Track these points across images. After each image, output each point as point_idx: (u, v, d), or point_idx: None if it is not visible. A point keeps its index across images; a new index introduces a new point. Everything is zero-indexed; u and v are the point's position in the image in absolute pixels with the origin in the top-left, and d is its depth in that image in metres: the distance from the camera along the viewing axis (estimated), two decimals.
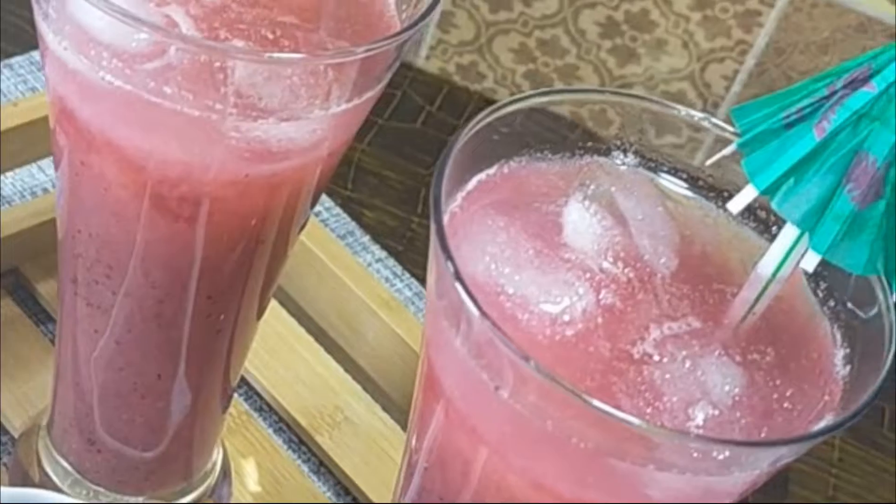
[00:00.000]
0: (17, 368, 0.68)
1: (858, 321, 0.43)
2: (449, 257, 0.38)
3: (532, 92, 0.43)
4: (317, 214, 0.83)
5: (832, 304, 0.45)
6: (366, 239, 0.83)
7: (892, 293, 0.42)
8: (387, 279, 0.82)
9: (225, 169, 0.46)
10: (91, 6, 0.43)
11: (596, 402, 0.36)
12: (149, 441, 0.59)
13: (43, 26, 0.45)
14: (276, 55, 0.44)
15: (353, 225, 0.84)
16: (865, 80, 0.40)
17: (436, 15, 0.45)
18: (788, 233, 0.42)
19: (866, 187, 0.40)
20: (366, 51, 0.44)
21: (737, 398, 0.41)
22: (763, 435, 0.40)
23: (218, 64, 0.44)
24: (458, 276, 0.38)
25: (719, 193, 0.47)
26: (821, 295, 0.45)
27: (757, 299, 0.43)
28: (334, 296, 0.75)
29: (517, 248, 0.42)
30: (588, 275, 0.42)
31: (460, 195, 0.43)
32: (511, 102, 0.43)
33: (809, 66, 0.44)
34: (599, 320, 0.42)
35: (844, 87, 0.41)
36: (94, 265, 0.51)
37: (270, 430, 0.72)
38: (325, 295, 0.75)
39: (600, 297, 0.42)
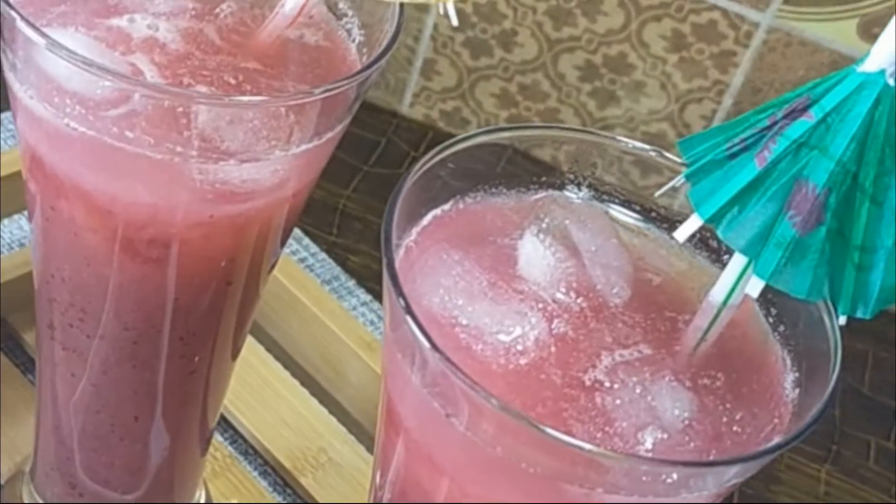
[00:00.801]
0: (3, 416, 0.69)
1: (807, 346, 0.44)
2: (400, 293, 0.39)
3: (478, 131, 0.44)
4: (302, 260, 0.85)
5: (782, 329, 0.46)
6: (351, 283, 0.85)
7: (837, 317, 0.43)
8: (372, 322, 0.83)
9: (190, 210, 0.47)
10: (56, 56, 0.44)
11: (542, 427, 0.37)
12: (129, 484, 0.60)
13: (10, 76, 0.47)
14: (236, 98, 0.46)
15: (338, 270, 0.85)
16: (804, 110, 0.41)
17: (389, 56, 0.47)
18: (738, 261, 0.43)
19: (807, 214, 0.41)
20: (324, 91, 0.45)
21: (687, 422, 0.42)
22: (711, 458, 0.41)
23: (181, 109, 0.45)
24: (408, 310, 0.39)
25: (672, 224, 0.48)
26: (772, 321, 0.46)
27: (709, 327, 0.44)
28: (318, 339, 0.76)
29: (471, 281, 0.43)
30: (541, 305, 0.43)
31: (415, 230, 0.45)
32: (459, 141, 0.44)
33: None
34: (552, 349, 0.42)
35: (784, 117, 0.42)
36: (69, 309, 0.53)
37: (255, 473, 0.73)
38: (308, 339, 0.76)
39: (553, 326, 0.43)
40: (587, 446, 0.38)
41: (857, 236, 0.42)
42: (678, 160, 0.46)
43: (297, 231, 0.87)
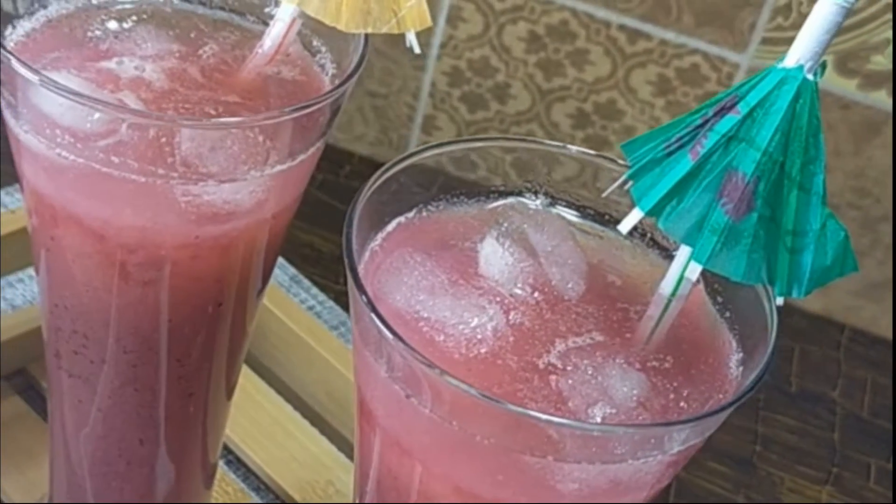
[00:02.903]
0: (24, 458, 0.73)
1: (750, 327, 0.47)
2: (358, 283, 0.43)
3: (427, 145, 0.48)
4: (311, 308, 0.88)
5: (728, 315, 0.49)
6: None
7: (774, 299, 0.46)
8: None
9: (176, 232, 0.51)
10: (48, 91, 0.48)
11: (487, 396, 0.40)
12: None
13: (7, 114, 0.51)
14: (214, 120, 0.49)
15: (344, 316, 0.89)
16: (732, 107, 0.45)
17: (352, 83, 0.51)
18: (683, 254, 0.46)
19: (738, 201, 0.44)
20: (294, 111, 0.49)
21: (635, 399, 0.44)
22: None
23: (165, 139, 0.49)
24: (365, 297, 0.42)
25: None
26: (719, 308, 0.49)
27: (660, 317, 0.47)
28: (323, 378, 0.79)
29: (433, 279, 0.47)
30: (499, 299, 0.46)
31: (380, 236, 0.48)
32: (416, 153, 0.48)
33: None
34: (510, 338, 0.46)
35: (714, 115, 0.45)
36: (72, 336, 0.56)
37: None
38: (314, 378, 0.80)
39: (510, 317, 0.46)
40: (530, 412, 0.41)
41: (787, 222, 0.45)
42: (624, 163, 0.49)
43: (305, 281, 0.91)
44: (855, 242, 0.94)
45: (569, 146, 0.50)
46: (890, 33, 0.88)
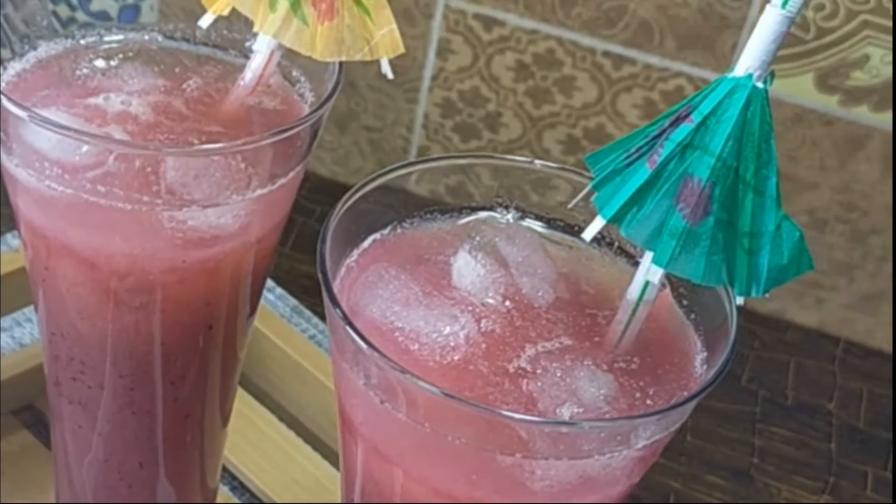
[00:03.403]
0: (32, 489, 0.75)
1: (713, 327, 0.49)
2: (330, 292, 0.45)
3: (394, 165, 0.50)
4: (311, 337, 0.90)
5: (693, 317, 0.50)
6: None
7: (734, 299, 0.48)
8: None
9: (164, 257, 0.53)
10: (37, 127, 0.50)
11: (452, 395, 0.42)
12: None
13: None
14: (197, 147, 0.52)
15: None
16: (686, 116, 0.47)
17: (329, 106, 0.53)
18: (647, 259, 0.48)
19: (695, 206, 0.46)
20: (272, 135, 0.51)
21: (603, 399, 0.46)
22: None
23: (150, 168, 0.52)
24: (334, 302, 0.44)
25: (594, 238, 0.53)
26: (685, 311, 0.51)
27: (628, 322, 0.49)
28: (323, 403, 0.81)
29: (408, 292, 0.49)
30: (471, 308, 0.48)
31: (356, 252, 0.50)
32: (391, 171, 0.50)
33: None
34: (482, 345, 0.48)
35: (670, 125, 0.47)
36: (69, 363, 0.58)
37: None
38: (315, 404, 0.82)
39: (482, 325, 0.48)
40: (495, 409, 0.44)
41: (744, 224, 0.47)
42: (589, 174, 0.51)
43: (306, 311, 0.93)
44: (846, 256, 0.96)
45: (535, 161, 0.52)
46: (868, 49, 0.90)
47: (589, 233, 0.48)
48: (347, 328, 0.44)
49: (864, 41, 0.89)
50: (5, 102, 0.51)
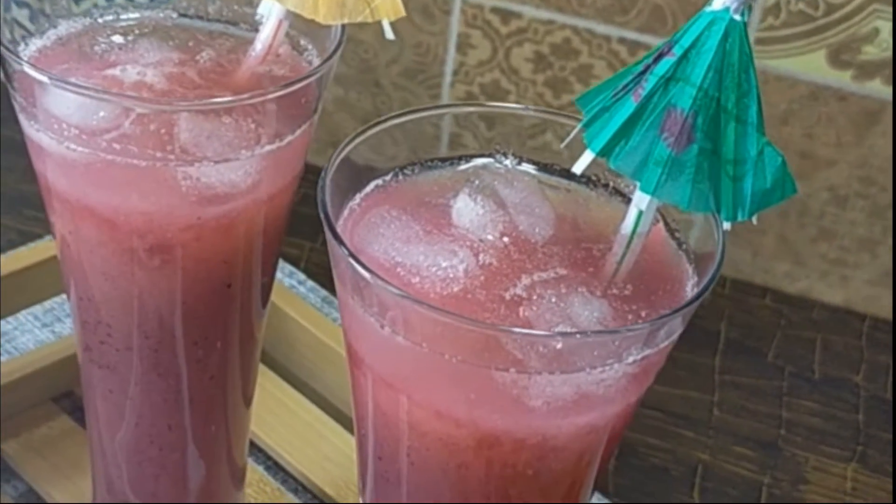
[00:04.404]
0: (72, 469, 0.78)
1: (702, 254, 0.51)
2: (330, 224, 0.47)
3: (392, 114, 0.53)
4: (335, 319, 0.93)
5: (685, 247, 0.52)
6: None
7: (721, 224, 0.50)
8: None
9: (180, 214, 0.56)
10: (57, 89, 0.53)
11: (442, 310, 0.44)
12: (174, 493, 0.67)
13: (21, 118, 0.56)
14: (206, 101, 0.54)
15: None
16: (668, 51, 0.49)
17: (335, 61, 0.56)
18: (641, 195, 0.50)
19: (678, 134, 0.48)
20: (279, 89, 0.54)
21: (596, 321, 0.48)
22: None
23: (164, 130, 0.54)
24: (333, 232, 0.47)
25: (590, 180, 0.55)
26: (677, 243, 0.53)
27: (623, 254, 0.51)
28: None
29: (409, 231, 0.51)
30: (469, 243, 0.51)
31: (359, 196, 0.53)
32: (392, 117, 0.53)
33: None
34: (481, 278, 0.50)
35: (654, 61, 0.49)
36: (97, 327, 0.61)
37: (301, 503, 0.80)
38: (344, 384, 0.83)
39: (480, 259, 0.50)
40: (488, 324, 0.46)
41: (728, 152, 0.49)
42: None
43: (335, 300, 0.95)
44: (867, 231, 0.98)
45: (529, 107, 0.55)
46: (877, 23, 0.91)
47: (579, 166, 0.50)
48: (343, 251, 0.47)
49: (872, 15, 0.91)
50: (26, 68, 0.54)
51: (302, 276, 0.97)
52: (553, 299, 0.49)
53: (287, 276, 0.97)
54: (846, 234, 1.00)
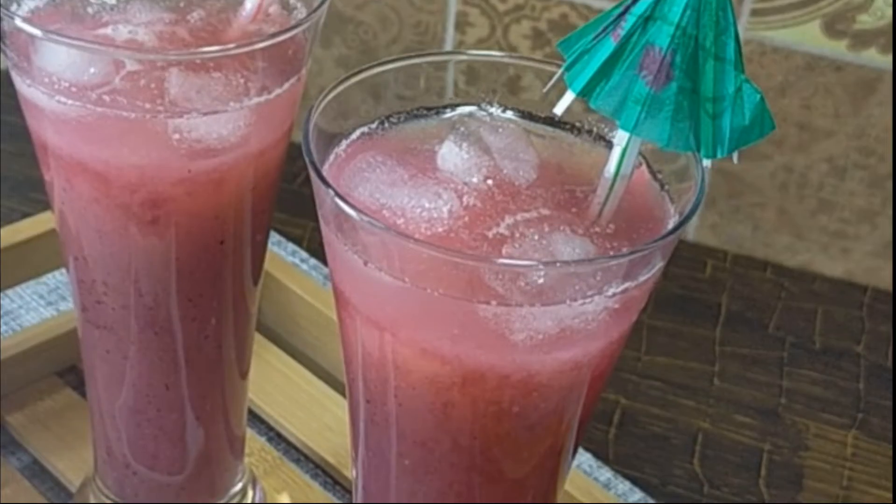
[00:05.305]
0: (75, 439, 0.78)
1: (683, 192, 0.52)
2: (312, 163, 0.48)
3: (378, 61, 0.53)
4: None
5: (667, 187, 0.53)
6: None
7: (700, 162, 0.50)
8: None
9: (171, 167, 0.56)
10: (49, 43, 0.54)
11: (421, 241, 0.45)
12: (174, 459, 0.68)
13: (13, 74, 0.57)
14: (194, 51, 0.55)
15: None
16: None
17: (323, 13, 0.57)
18: (622, 136, 0.51)
19: (657, 72, 0.49)
20: (264, 40, 0.55)
21: (578, 257, 0.49)
22: None
23: (154, 85, 0.55)
24: (317, 172, 0.47)
25: (573, 127, 0.56)
26: (659, 184, 0.53)
27: (607, 196, 0.51)
28: None
29: (393, 175, 0.52)
30: (454, 186, 0.51)
31: (344, 142, 0.53)
32: (376, 65, 0.54)
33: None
34: (465, 218, 0.50)
35: (633, 1, 0.50)
36: (93, 286, 0.62)
37: (304, 473, 0.80)
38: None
39: (464, 201, 0.51)
40: (465, 254, 0.46)
41: (707, 90, 0.49)
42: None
43: None
44: (866, 203, 0.98)
45: (510, 54, 0.55)
46: None
47: (560, 107, 0.51)
48: (327, 190, 0.47)
49: None
50: (19, 22, 0.55)
51: (304, 255, 0.98)
52: (536, 237, 0.49)
53: (290, 255, 0.98)
54: (846, 206, 1.00)
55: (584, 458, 0.83)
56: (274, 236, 0.97)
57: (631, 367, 0.93)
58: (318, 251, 0.99)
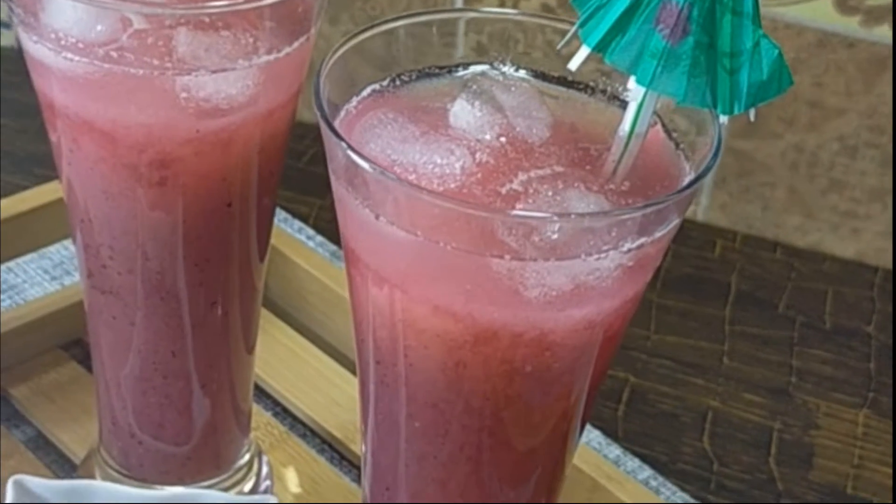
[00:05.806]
0: (80, 413, 0.78)
1: (699, 149, 0.51)
2: (324, 116, 0.47)
3: (390, 17, 0.53)
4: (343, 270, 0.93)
5: (683, 146, 0.52)
6: None
7: (717, 118, 0.49)
8: None
9: (179, 127, 0.56)
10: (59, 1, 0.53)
11: (432, 192, 0.44)
12: (180, 428, 0.67)
13: (20, 31, 0.56)
14: (201, 6, 0.54)
15: None
16: None
17: None
18: (637, 93, 0.50)
19: (674, 25, 0.48)
20: None
21: None
22: None
23: (161, 43, 0.54)
24: (329, 125, 0.47)
25: (587, 87, 0.55)
26: (674, 142, 0.52)
27: (621, 154, 0.51)
28: None
29: (405, 131, 0.51)
30: (466, 142, 0.50)
31: (355, 99, 0.53)
32: (387, 21, 0.53)
33: None
34: (478, 175, 0.50)
35: None
36: (99, 250, 0.61)
37: (311, 447, 0.80)
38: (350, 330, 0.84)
39: (476, 157, 0.50)
40: (478, 206, 0.46)
41: (724, 45, 0.48)
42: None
43: (339, 250, 0.95)
44: (878, 182, 0.97)
45: (525, 12, 0.55)
46: None
47: (575, 62, 0.50)
48: (339, 142, 0.47)
49: None
50: None
51: (311, 232, 0.97)
52: (550, 193, 0.49)
53: (297, 232, 0.97)
54: (857, 185, 0.99)
55: (593, 434, 0.82)
56: (280, 213, 0.97)
57: (640, 346, 0.92)
58: (324, 229, 0.98)
